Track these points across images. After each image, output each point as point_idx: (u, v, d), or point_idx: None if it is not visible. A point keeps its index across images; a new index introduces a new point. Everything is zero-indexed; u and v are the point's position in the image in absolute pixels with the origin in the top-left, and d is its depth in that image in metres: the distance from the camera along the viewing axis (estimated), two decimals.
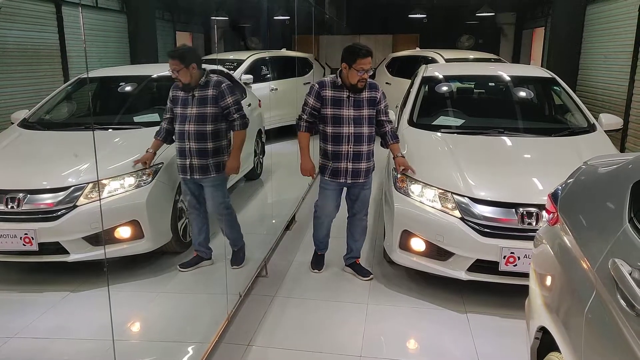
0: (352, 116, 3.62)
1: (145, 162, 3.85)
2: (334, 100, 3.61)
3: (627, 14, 7.85)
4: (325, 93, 3.62)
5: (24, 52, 7.02)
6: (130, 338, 3.29)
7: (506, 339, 3.13)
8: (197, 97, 3.68)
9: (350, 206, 3.89)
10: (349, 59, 3.52)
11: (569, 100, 4.74)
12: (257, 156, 6.54)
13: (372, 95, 3.68)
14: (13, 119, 4.83)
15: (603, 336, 1.53)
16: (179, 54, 3.60)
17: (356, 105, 3.63)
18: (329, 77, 3.72)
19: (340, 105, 3.61)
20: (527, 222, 3.27)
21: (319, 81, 3.70)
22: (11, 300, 3.66)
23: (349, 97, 3.62)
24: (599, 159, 2.37)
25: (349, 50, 3.56)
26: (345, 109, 3.61)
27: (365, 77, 3.56)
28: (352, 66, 3.51)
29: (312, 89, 3.69)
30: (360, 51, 3.50)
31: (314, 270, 4.02)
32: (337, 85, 3.62)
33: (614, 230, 1.66)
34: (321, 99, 3.62)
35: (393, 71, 10.11)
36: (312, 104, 3.65)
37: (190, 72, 3.62)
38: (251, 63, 8.89)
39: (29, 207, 3.65)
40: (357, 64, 3.49)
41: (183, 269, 4.02)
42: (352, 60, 3.50)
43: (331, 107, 3.62)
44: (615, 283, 1.49)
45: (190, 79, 3.64)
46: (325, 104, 3.62)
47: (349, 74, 3.55)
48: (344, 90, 3.62)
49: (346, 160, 3.65)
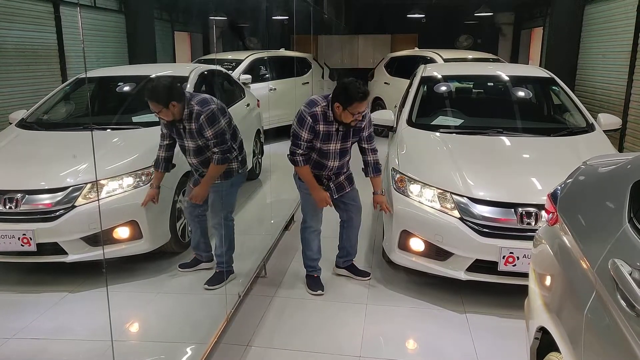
0: (338, 150, 3.50)
1: (153, 199, 3.72)
2: (324, 135, 3.42)
3: (625, 14, 7.87)
4: (318, 127, 3.39)
5: (22, 52, 7.01)
6: (129, 338, 3.28)
7: (505, 339, 3.13)
8: (187, 129, 3.51)
9: (345, 208, 3.76)
10: (345, 101, 3.25)
11: (567, 100, 4.75)
12: (256, 156, 6.54)
13: (359, 124, 3.49)
14: (11, 119, 4.82)
15: (603, 336, 1.53)
16: (155, 96, 3.37)
17: (343, 138, 3.48)
18: (319, 103, 3.39)
19: (329, 139, 3.45)
20: (526, 222, 3.27)
21: (311, 113, 3.36)
22: (10, 301, 3.65)
23: (337, 131, 3.44)
24: (598, 159, 2.37)
25: (345, 91, 3.24)
26: (333, 143, 3.46)
27: (359, 118, 3.34)
28: (347, 109, 3.27)
29: (304, 122, 3.37)
30: (358, 95, 3.22)
31: (316, 292, 3.68)
32: (328, 120, 3.39)
33: (613, 230, 1.66)
34: (314, 132, 3.40)
35: (391, 71, 10.13)
36: (306, 137, 3.39)
37: (172, 110, 3.39)
38: (250, 63, 8.89)
39: (27, 208, 3.63)
40: (352, 108, 3.26)
41: (182, 269, 4.01)
42: (348, 104, 3.25)
43: (321, 142, 3.44)
44: (615, 283, 1.49)
45: (173, 116, 3.44)
46: (316, 137, 3.42)
47: (343, 114, 3.30)
48: (334, 124, 3.40)
49: (326, 180, 3.62)
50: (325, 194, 3.56)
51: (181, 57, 12.92)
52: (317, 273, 3.81)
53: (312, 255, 3.77)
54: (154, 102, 3.38)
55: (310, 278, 3.79)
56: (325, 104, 3.40)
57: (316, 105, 3.41)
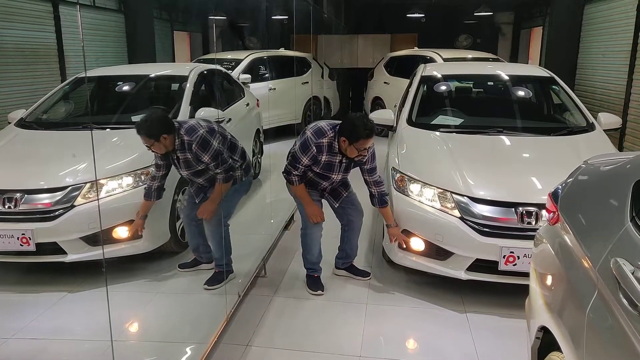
0: (338, 178, 3.57)
1: (137, 230, 3.67)
2: (326, 165, 3.45)
3: (625, 13, 7.86)
4: (321, 157, 3.41)
5: (21, 51, 7.00)
6: (129, 338, 3.27)
7: (506, 338, 3.12)
8: (181, 159, 3.50)
9: (345, 213, 3.74)
10: (350, 136, 3.25)
11: (567, 99, 4.74)
12: (255, 156, 6.53)
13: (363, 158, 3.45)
14: (10, 119, 4.80)
15: (605, 335, 1.52)
16: (145, 131, 3.35)
17: (345, 169, 3.54)
18: (327, 134, 3.36)
19: (331, 169, 3.48)
20: (527, 222, 3.26)
21: (317, 144, 3.35)
22: (9, 300, 3.64)
23: (341, 162, 3.46)
24: (599, 158, 2.36)
25: (352, 127, 3.24)
26: (335, 173, 3.51)
27: (365, 154, 3.35)
28: (353, 144, 3.27)
29: (308, 150, 3.35)
30: (364, 132, 3.22)
31: (316, 292, 3.67)
32: (333, 151, 3.40)
33: (615, 229, 1.65)
34: (315, 161, 3.41)
35: (391, 71, 10.12)
36: (306, 163, 3.40)
37: (163, 142, 3.38)
38: (249, 62, 8.88)
39: (26, 207, 3.63)
40: (358, 144, 3.27)
41: (182, 269, 4.00)
42: (354, 139, 3.25)
43: (321, 169, 3.47)
44: (617, 282, 1.49)
45: (166, 148, 3.42)
46: (316, 164, 3.44)
47: (348, 149, 3.31)
48: (338, 155, 3.41)
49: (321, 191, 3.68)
50: (319, 209, 3.58)
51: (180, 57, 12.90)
52: (317, 273, 3.80)
53: (312, 259, 3.76)
54: (145, 136, 3.36)
55: (310, 278, 3.78)
56: (333, 135, 3.38)
57: (323, 136, 3.38)
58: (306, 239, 3.72)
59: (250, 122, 6.41)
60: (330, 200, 3.68)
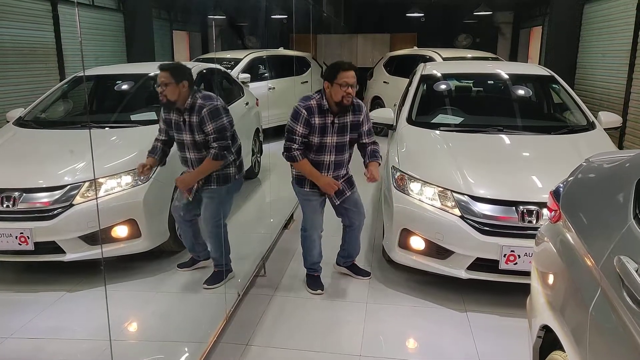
0: (334, 144, 3.45)
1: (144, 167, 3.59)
2: (320, 129, 3.39)
3: (625, 13, 7.86)
4: (313, 120, 3.37)
5: (19, 50, 6.98)
6: (128, 338, 3.26)
7: (506, 337, 3.11)
8: (187, 122, 3.46)
9: (347, 215, 3.70)
10: (330, 75, 3.33)
11: (568, 98, 4.73)
12: (255, 155, 6.52)
13: (356, 118, 3.50)
14: (8, 118, 4.79)
15: (609, 334, 1.51)
16: (171, 68, 3.41)
17: (339, 131, 3.45)
18: (313, 97, 3.43)
19: (325, 133, 3.41)
20: (528, 220, 3.25)
21: (306, 106, 3.38)
22: (7, 300, 3.63)
23: (333, 123, 3.41)
24: (601, 156, 2.35)
25: (330, 66, 3.40)
26: (329, 137, 3.42)
27: (350, 92, 3.32)
28: (334, 82, 3.31)
29: (299, 115, 3.36)
30: (343, 65, 3.33)
31: (315, 291, 3.66)
32: (323, 110, 3.39)
33: (618, 227, 1.64)
34: (310, 126, 3.38)
35: (391, 70, 10.11)
36: (301, 131, 3.36)
37: (180, 89, 3.37)
38: (249, 62, 8.87)
39: (24, 206, 3.61)
40: (339, 79, 3.29)
41: (181, 269, 3.98)
42: (334, 76, 3.31)
43: (318, 136, 3.40)
44: (620, 280, 1.47)
45: (177, 98, 3.39)
46: (312, 131, 3.39)
47: (332, 91, 3.33)
48: (329, 115, 3.40)
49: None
50: (331, 179, 3.47)
51: (180, 56, 12.89)
52: (317, 272, 3.78)
53: (312, 259, 3.74)
54: (168, 73, 3.36)
55: (310, 277, 3.77)
56: (319, 95, 3.43)
57: (310, 98, 3.44)
58: (306, 240, 3.69)
59: (250, 121, 6.39)
60: (334, 198, 3.60)
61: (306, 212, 3.64)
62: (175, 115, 3.52)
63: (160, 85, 3.38)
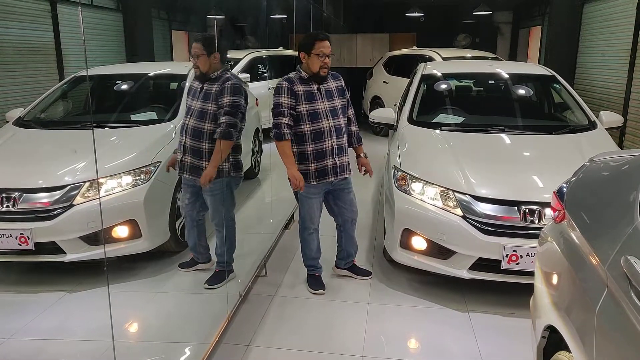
0: (327, 108, 3.44)
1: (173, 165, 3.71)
2: (307, 95, 3.39)
3: (624, 12, 7.86)
4: (297, 89, 3.38)
5: (19, 50, 6.96)
6: (129, 338, 3.25)
7: (509, 338, 3.10)
8: (204, 90, 3.51)
9: (340, 213, 3.70)
10: (307, 46, 3.38)
11: (569, 97, 4.72)
12: (255, 155, 6.50)
13: (339, 84, 3.57)
14: (8, 118, 4.77)
15: (615, 334, 1.50)
16: (204, 39, 3.49)
17: (328, 96, 3.47)
18: (291, 73, 3.50)
19: (314, 99, 3.41)
20: (530, 220, 3.24)
21: (286, 78, 3.43)
22: (7, 301, 3.61)
23: (319, 90, 3.44)
24: (604, 156, 2.34)
25: (306, 37, 3.43)
26: (320, 102, 3.42)
27: (327, 62, 3.39)
28: (312, 52, 3.37)
29: (281, 88, 3.39)
30: (318, 35, 3.38)
31: (317, 291, 3.64)
32: (304, 79, 3.43)
33: (625, 226, 1.63)
34: (295, 95, 3.38)
35: (390, 70, 10.10)
36: (287, 102, 3.35)
37: (211, 61, 3.47)
38: (248, 62, 8.86)
39: (24, 207, 3.59)
40: (316, 48, 3.35)
41: (182, 269, 3.97)
42: (310, 46, 3.36)
43: (306, 103, 3.39)
44: (628, 280, 1.46)
45: (208, 69, 3.49)
46: (298, 100, 3.38)
47: (310, 61, 3.39)
48: (313, 83, 3.44)
49: (331, 156, 3.46)
50: (300, 176, 3.41)
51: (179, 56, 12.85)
52: (318, 272, 3.77)
53: (312, 254, 3.73)
54: (201, 44, 3.46)
55: (311, 277, 3.76)
56: (297, 70, 3.50)
57: (288, 74, 3.50)
58: (304, 234, 3.69)
59: (250, 121, 6.35)
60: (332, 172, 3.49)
61: (304, 207, 3.62)
62: (197, 83, 3.59)
63: (193, 56, 3.49)
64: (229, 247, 3.73)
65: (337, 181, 3.55)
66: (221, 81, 3.48)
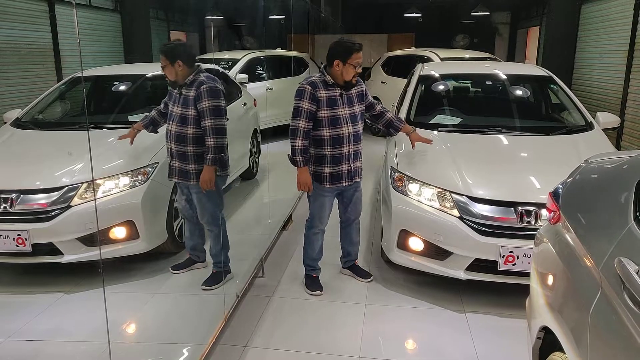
0: (347, 115, 3.47)
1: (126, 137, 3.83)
2: (329, 101, 3.41)
3: (622, 13, 7.87)
4: (320, 94, 3.39)
5: (16, 51, 6.96)
6: (126, 340, 3.24)
7: (505, 338, 3.11)
8: (182, 95, 3.51)
9: (344, 211, 3.75)
10: (344, 55, 3.37)
11: (566, 98, 4.73)
12: (253, 156, 6.51)
13: (360, 90, 3.58)
14: (6, 119, 4.77)
15: (609, 335, 1.50)
16: (165, 50, 3.49)
17: (349, 102, 3.50)
18: (314, 75, 3.50)
19: (336, 105, 3.43)
20: (526, 221, 3.25)
21: (309, 82, 3.43)
22: (4, 302, 3.61)
23: (341, 95, 3.46)
24: (600, 157, 2.35)
25: (342, 46, 3.40)
26: (341, 108, 3.46)
27: (359, 71, 3.45)
28: (348, 62, 3.37)
29: (303, 92, 3.38)
30: (355, 45, 3.39)
31: (314, 292, 3.65)
32: (328, 84, 3.43)
33: (619, 228, 1.64)
34: (316, 100, 3.39)
35: (388, 70, 10.11)
36: (307, 107, 3.36)
37: (176, 69, 3.46)
38: (246, 62, 8.86)
39: (22, 208, 3.59)
40: (352, 59, 3.37)
41: (175, 271, 3.96)
42: (348, 56, 3.36)
43: (327, 109, 3.40)
44: (621, 282, 1.47)
45: (176, 76, 3.49)
46: (320, 106, 3.40)
47: (344, 70, 3.39)
48: (336, 88, 3.45)
49: (347, 162, 3.51)
50: (309, 182, 3.45)
51: None
52: (315, 273, 3.78)
53: (313, 254, 3.74)
54: (163, 55, 3.48)
55: (309, 278, 3.76)
56: (320, 73, 3.49)
57: (312, 77, 3.50)
58: (310, 232, 3.71)
59: (248, 121, 6.38)
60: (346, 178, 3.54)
61: (315, 207, 3.64)
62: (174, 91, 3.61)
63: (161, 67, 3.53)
64: (222, 246, 3.73)
65: (350, 185, 3.61)
66: (196, 85, 3.48)
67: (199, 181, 3.49)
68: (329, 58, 3.43)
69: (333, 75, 3.43)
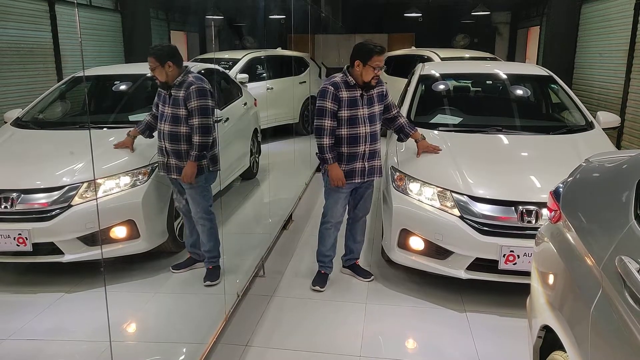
0: (366, 115, 3.53)
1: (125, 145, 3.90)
2: (350, 102, 3.48)
3: (622, 13, 7.87)
4: (342, 94, 3.47)
5: (17, 50, 6.96)
6: (127, 339, 3.25)
7: (506, 337, 3.11)
8: (172, 96, 3.57)
9: (354, 207, 3.79)
10: (365, 56, 3.42)
11: (566, 98, 4.73)
12: (253, 155, 6.51)
13: (380, 90, 3.63)
14: (6, 118, 4.77)
15: (610, 334, 1.51)
16: (154, 52, 3.52)
17: (369, 103, 3.55)
18: (336, 75, 3.56)
19: (356, 105, 3.49)
20: (527, 220, 3.25)
21: (332, 82, 3.50)
22: (5, 301, 3.61)
23: (362, 96, 3.52)
24: (600, 156, 2.35)
25: (364, 47, 3.46)
26: (360, 109, 3.51)
27: (378, 73, 3.49)
28: (368, 63, 3.42)
29: (326, 92, 3.47)
30: (376, 48, 3.44)
31: (317, 287, 3.71)
32: (350, 85, 3.49)
33: (619, 227, 1.64)
34: (338, 101, 3.47)
35: (389, 70, 10.09)
36: (331, 107, 3.45)
37: (166, 70, 3.51)
38: (247, 62, 8.85)
39: (22, 207, 3.60)
40: (372, 61, 3.41)
41: (176, 270, 3.96)
42: (368, 58, 3.41)
43: (347, 109, 3.47)
44: (622, 280, 1.47)
45: (166, 77, 3.54)
46: (341, 106, 3.47)
47: (364, 71, 3.44)
48: (357, 89, 3.50)
49: (362, 160, 3.56)
50: (342, 174, 3.53)
51: None
52: (324, 270, 3.81)
53: (325, 250, 3.78)
54: (152, 57, 3.51)
55: (318, 273, 3.81)
56: (342, 74, 3.53)
57: (334, 77, 3.56)
58: (323, 228, 3.76)
59: (248, 121, 6.38)
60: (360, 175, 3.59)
61: (330, 202, 3.69)
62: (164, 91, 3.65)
63: (150, 69, 3.56)
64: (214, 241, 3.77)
65: (364, 182, 3.66)
66: (185, 86, 3.54)
67: (193, 177, 3.56)
68: (351, 58, 3.49)
69: (354, 75, 3.50)
